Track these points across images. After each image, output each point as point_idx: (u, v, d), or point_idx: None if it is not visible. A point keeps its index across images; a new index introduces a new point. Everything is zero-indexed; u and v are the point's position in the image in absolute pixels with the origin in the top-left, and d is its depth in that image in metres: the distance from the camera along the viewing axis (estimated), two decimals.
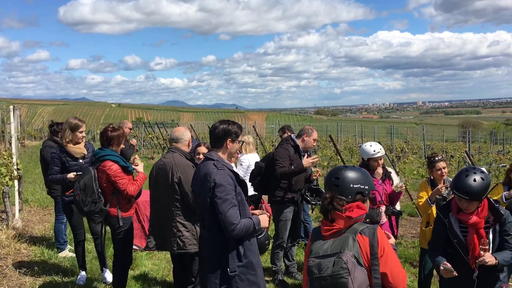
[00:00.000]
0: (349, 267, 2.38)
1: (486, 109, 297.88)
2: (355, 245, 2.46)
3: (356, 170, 2.67)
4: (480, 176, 3.28)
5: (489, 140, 38.76)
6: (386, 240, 2.51)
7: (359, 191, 2.59)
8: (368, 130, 35.32)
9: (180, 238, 4.19)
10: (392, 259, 2.49)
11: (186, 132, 4.54)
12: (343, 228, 2.52)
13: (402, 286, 2.50)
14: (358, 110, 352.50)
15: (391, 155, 18.20)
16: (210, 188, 3.25)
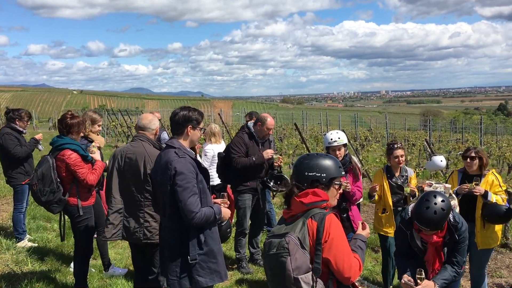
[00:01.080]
0: (290, 248, 2.43)
1: (446, 99, 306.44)
2: (303, 229, 2.50)
3: (315, 158, 2.69)
4: (441, 207, 3.31)
5: (449, 128, 39.85)
6: (334, 227, 2.51)
7: (314, 179, 2.61)
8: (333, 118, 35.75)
9: (148, 228, 4.12)
10: (338, 246, 2.49)
11: (155, 121, 4.38)
12: (299, 213, 2.57)
13: (349, 274, 2.50)
14: (323, 99, 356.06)
15: (355, 144, 18.51)
16: (170, 176, 3.23)
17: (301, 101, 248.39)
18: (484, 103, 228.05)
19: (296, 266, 2.40)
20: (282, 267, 2.43)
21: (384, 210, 5.22)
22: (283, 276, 2.42)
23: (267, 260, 2.57)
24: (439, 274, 3.58)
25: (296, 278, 2.39)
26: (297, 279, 2.39)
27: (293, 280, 2.39)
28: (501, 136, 33.74)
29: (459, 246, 3.62)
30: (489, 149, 18.90)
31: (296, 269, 2.40)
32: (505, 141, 26.94)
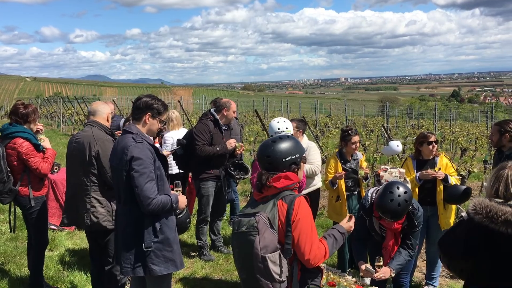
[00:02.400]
0: (259, 227, 2.48)
1: (403, 86, 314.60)
2: (273, 209, 2.56)
3: (283, 142, 2.69)
4: (404, 198, 3.40)
5: (405, 114, 40.96)
6: (303, 209, 2.57)
7: (291, 162, 2.66)
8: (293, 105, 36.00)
9: (94, 214, 4.02)
10: (303, 227, 2.55)
11: (104, 105, 4.36)
12: (271, 195, 2.62)
13: (309, 256, 2.55)
14: (284, 86, 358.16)
15: (316, 130, 18.73)
16: (127, 161, 3.17)
17: (262, 88, 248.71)
18: (438, 89, 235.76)
19: (264, 245, 2.45)
20: (250, 245, 2.47)
21: (338, 197, 5.29)
22: (251, 254, 2.46)
23: (236, 238, 2.60)
24: (394, 259, 3.70)
25: (263, 256, 2.44)
26: (264, 258, 2.44)
27: (260, 258, 2.44)
28: (454, 122, 35.00)
29: (414, 230, 3.75)
30: (443, 134, 19.55)
31: (264, 248, 2.45)
32: (458, 126, 27.97)
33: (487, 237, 2.18)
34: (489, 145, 11.79)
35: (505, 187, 2.30)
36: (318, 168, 5.68)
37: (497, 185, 2.33)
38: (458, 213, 2.74)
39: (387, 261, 3.70)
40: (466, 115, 50.16)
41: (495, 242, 2.17)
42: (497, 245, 2.17)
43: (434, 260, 5.12)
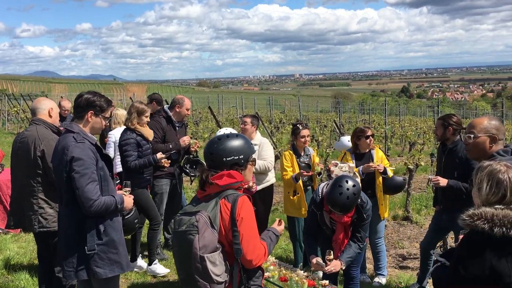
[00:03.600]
0: (199, 226, 2.42)
1: (355, 82, 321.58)
2: (215, 208, 2.51)
3: (228, 141, 2.65)
4: (352, 192, 3.51)
5: (357, 110, 41.94)
6: (246, 208, 2.54)
7: (233, 163, 2.61)
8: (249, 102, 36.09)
9: (42, 215, 3.88)
10: (246, 227, 2.51)
11: (44, 101, 4.16)
12: (213, 193, 2.57)
13: (251, 257, 2.51)
14: (239, 82, 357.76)
15: (270, 126, 18.85)
16: (67, 162, 3.07)
17: (217, 85, 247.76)
18: (389, 85, 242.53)
19: (203, 244, 2.41)
20: (189, 245, 2.41)
21: (295, 192, 5.35)
22: (189, 253, 2.41)
23: (176, 237, 2.55)
24: (345, 252, 3.80)
25: (202, 256, 2.39)
26: (202, 258, 2.39)
27: (199, 258, 2.40)
28: (403, 117, 36.17)
29: (363, 223, 3.86)
30: (393, 129, 20.15)
31: (203, 248, 2.40)
32: (407, 121, 28.94)
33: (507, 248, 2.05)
34: (435, 139, 12.24)
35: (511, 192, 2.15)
36: (271, 164, 5.72)
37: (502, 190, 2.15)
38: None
39: (337, 254, 3.79)
40: (415, 110, 51.96)
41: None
42: None
43: (377, 250, 5.34)
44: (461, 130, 4.74)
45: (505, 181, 2.15)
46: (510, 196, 2.14)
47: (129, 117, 5.18)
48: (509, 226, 2.03)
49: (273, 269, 3.50)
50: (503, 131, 3.14)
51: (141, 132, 5.14)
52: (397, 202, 8.74)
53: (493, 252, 2.05)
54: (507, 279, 2.03)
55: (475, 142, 3.13)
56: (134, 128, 5.12)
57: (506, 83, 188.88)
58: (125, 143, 5.09)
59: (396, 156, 16.14)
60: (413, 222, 7.69)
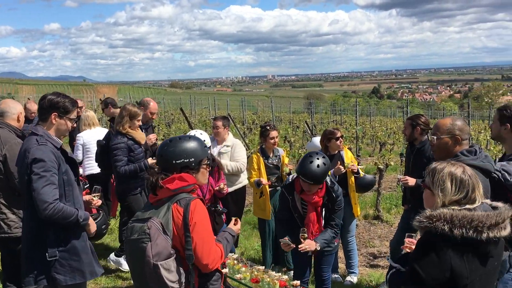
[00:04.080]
0: (151, 233, 2.36)
1: (327, 83, 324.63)
2: (167, 213, 2.45)
3: (180, 143, 2.59)
4: (322, 162, 3.64)
5: (329, 111, 42.41)
6: (199, 212, 2.49)
7: (183, 166, 2.55)
8: (221, 103, 36.02)
9: (4, 221, 3.78)
10: (200, 231, 2.47)
11: (15, 105, 4.05)
12: (165, 198, 2.51)
13: (207, 261, 2.48)
14: (212, 83, 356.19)
15: (243, 128, 18.86)
16: (28, 164, 3.00)
17: (190, 86, 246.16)
18: (360, 86, 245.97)
19: (156, 252, 2.35)
20: (142, 253, 2.36)
21: (261, 193, 5.38)
22: (143, 262, 2.36)
23: (128, 246, 2.49)
24: (320, 235, 3.86)
25: (155, 264, 2.34)
26: (156, 266, 2.34)
27: (153, 266, 2.34)
28: (374, 117, 36.77)
29: (336, 208, 3.92)
30: (364, 129, 20.46)
31: (156, 255, 2.35)
32: (377, 121, 29.43)
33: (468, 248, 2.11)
34: (404, 139, 12.46)
35: (473, 188, 2.27)
36: (243, 166, 5.73)
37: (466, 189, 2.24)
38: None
39: (310, 239, 3.81)
40: (385, 111, 52.87)
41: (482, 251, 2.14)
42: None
43: (349, 248, 5.43)
44: (428, 130, 4.87)
45: (467, 180, 2.25)
46: (471, 194, 2.24)
47: (121, 120, 5.04)
48: (468, 227, 2.08)
49: (245, 270, 3.51)
50: (466, 132, 3.22)
51: (133, 136, 5.04)
52: (367, 201, 8.87)
53: (452, 253, 2.09)
54: (465, 280, 2.09)
55: (439, 143, 3.22)
56: (126, 132, 5.00)
57: (472, 84, 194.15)
58: (115, 147, 4.95)
59: (367, 156, 16.39)
60: (384, 221, 7.82)
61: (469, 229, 2.08)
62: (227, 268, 3.59)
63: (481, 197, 2.28)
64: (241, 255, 5.62)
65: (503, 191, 3.09)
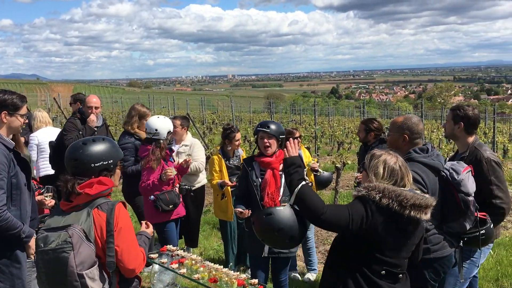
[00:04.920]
0: (74, 242, 2.25)
1: (287, 83, 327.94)
2: (87, 220, 2.34)
3: (95, 145, 2.48)
4: (279, 123, 3.91)
5: (289, 110, 42.81)
6: (123, 217, 2.42)
7: (102, 168, 2.46)
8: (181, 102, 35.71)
9: None
10: (125, 236, 2.40)
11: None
12: (82, 203, 2.40)
13: (133, 266, 2.44)
14: (172, 83, 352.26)
15: (202, 127, 18.75)
16: None
17: (149, 85, 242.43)
18: (319, 87, 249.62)
19: (80, 261, 2.25)
20: (63, 263, 2.24)
21: (223, 195, 5.35)
22: (64, 273, 2.24)
23: (42, 257, 2.33)
24: None
25: (80, 274, 2.24)
26: (81, 275, 2.25)
27: (77, 276, 2.24)
28: (333, 117, 37.42)
29: None
30: (323, 129, 20.77)
31: (80, 264, 2.25)
32: (336, 121, 29.96)
33: (390, 218, 2.51)
34: None
35: (401, 177, 2.62)
36: (202, 165, 5.70)
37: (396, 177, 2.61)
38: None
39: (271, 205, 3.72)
40: (343, 111, 53.93)
41: (397, 222, 2.52)
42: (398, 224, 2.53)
43: (308, 246, 5.50)
44: (381, 133, 5.04)
45: (397, 170, 2.63)
46: (400, 181, 2.61)
47: (129, 120, 4.96)
48: (394, 199, 2.48)
49: (203, 270, 3.47)
50: (417, 131, 3.34)
51: (141, 136, 4.96)
52: (326, 199, 9.01)
53: (377, 213, 2.51)
54: (379, 238, 2.53)
55: (390, 139, 3.42)
56: (134, 133, 4.93)
57: (426, 85, 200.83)
58: (122, 147, 4.85)
59: (326, 155, 16.63)
60: None
61: (395, 201, 2.48)
62: (185, 268, 3.56)
63: (410, 185, 2.65)
64: (200, 255, 5.58)
65: (450, 190, 3.21)
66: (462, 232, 3.29)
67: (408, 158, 3.22)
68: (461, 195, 3.19)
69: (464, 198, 3.20)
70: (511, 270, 5.41)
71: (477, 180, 3.47)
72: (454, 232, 3.27)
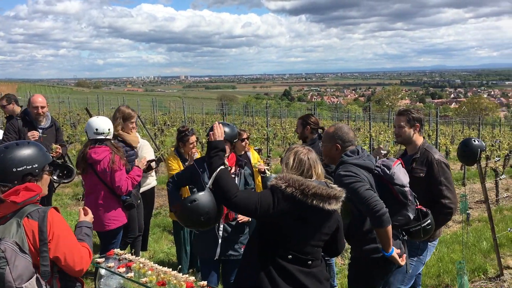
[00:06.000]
0: (8, 256, 2.16)
1: (240, 84, 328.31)
2: (19, 231, 2.25)
3: (18, 149, 2.38)
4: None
5: (242, 112, 42.89)
6: (58, 223, 2.35)
7: (26, 173, 2.35)
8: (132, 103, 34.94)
9: None
10: (65, 242, 2.35)
11: None
12: (9, 213, 2.30)
13: (81, 267, 2.42)
14: (122, 83, 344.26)
15: (154, 128, 18.46)
16: None
17: (98, 85, 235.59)
18: (272, 89, 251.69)
19: (18, 275, 2.17)
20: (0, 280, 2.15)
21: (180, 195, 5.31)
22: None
23: None
24: None
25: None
26: None
27: None
28: (285, 119, 37.82)
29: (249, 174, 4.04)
30: (275, 130, 20.96)
31: (18, 278, 2.17)
32: (288, 123, 30.31)
33: (294, 205, 2.73)
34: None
35: (308, 168, 2.87)
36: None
37: (303, 168, 2.86)
38: None
39: None
40: (295, 113, 54.57)
41: (301, 209, 2.74)
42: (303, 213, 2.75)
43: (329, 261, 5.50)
44: (318, 128, 5.17)
45: (305, 161, 2.88)
46: (307, 172, 2.86)
47: (114, 121, 4.80)
48: (297, 188, 2.71)
49: (151, 274, 3.42)
50: (348, 139, 3.48)
51: (124, 138, 4.84)
52: None
53: (283, 201, 2.75)
54: (283, 222, 2.77)
55: (324, 149, 3.57)
56: (118, 134, 4.80)
57: (375, 88, 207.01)
58: None
59: (278, 156, 16.80)
60: None
61: (298, 190, 2.71)
62: (133, 272, 3.49)
63: (319, 177, 2.89)
64: (150, 258, 5.50)
65: (386, 184, 3.35)
66: (407, 224, 3.41)
67: (341, 161, 3.38)
68: (397, 187, 3.31)
69: (401, 190, 3.32)
70: (451, 266, 5.66)
71: (428, 181, 3.64)
72: (400, 225, 3.39)
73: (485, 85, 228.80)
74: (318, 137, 5.11)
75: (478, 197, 10.67)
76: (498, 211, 9.28)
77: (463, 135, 27.29)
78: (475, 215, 9.17)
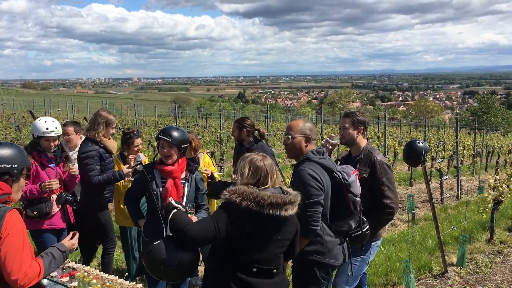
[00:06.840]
0: None
1: (194, 87, 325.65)
2: None
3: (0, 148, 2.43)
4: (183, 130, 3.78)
5: (196, 114, 42.60)
6: (13, 224, 2.33)
7: (4, 172, 2.39)
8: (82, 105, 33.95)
9: None
10: (11, 243, 2.31)
11: None
12: None
13: (17, 276, 2.32)
14: (71, 84, 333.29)
15: None
16: None
17: (46, 87, 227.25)
18: (226, 91, 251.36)
19: None
20: None
21: None
22: None
23: None
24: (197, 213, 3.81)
25: None
26: None
27: None
28: None
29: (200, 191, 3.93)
30: (228, 133, 20.92)
31: None
32: None
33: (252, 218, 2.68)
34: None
35: (265, 175, 2.82)
36: None
37: (259, 176, 2.80)
38: None
39: None
40: (250, 115, 54.83)
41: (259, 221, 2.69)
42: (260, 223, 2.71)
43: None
44: (254, 131, 5.20)
45: (261, 167, 2.82)
46: (264, 179, 2.81)
47: (95, 127, 4.63)
48: (252, 200, 2.67)
49: (96, 282, 3.32)
50: (315, 132, 3.54)
51: (105, 144, 4.66)
52: None
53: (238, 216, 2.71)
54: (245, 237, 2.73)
55: (293, 142, 3.49)
56: (100, 140, 4.62)
57: (327, 91, 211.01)
58: (86, 155, 4.56)
59: (231, 159, 16.78)
60: None
61: (253, 202, 2.67)
62: (77, 281, 3.37)
63: (275, 183, 2.85)
64: (98, 265, 5.34)
65: (342, 190, 3.42)
66: (348, 231, 3.51)
67: (306, 158, 3.40)
68: (351, 195, 3.41)
69: (353, 199, 3.44)
70: (399, 265, 5.82)
71: (370, 181, 3.75)
72: (340, 231, 3.48)
73: (431, 89, 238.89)
74: (255, 140, 5.14)
75: (424, 197, 11.07)
76: (443, 210, 9.65)
77: (410, 136, 28.30)
78: (421, 214, 9.51)
